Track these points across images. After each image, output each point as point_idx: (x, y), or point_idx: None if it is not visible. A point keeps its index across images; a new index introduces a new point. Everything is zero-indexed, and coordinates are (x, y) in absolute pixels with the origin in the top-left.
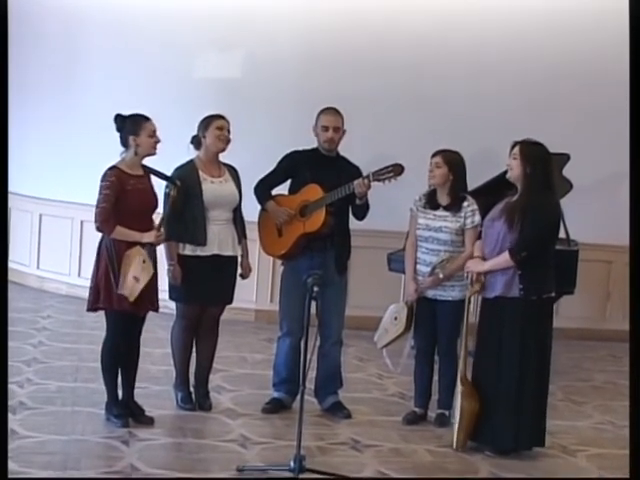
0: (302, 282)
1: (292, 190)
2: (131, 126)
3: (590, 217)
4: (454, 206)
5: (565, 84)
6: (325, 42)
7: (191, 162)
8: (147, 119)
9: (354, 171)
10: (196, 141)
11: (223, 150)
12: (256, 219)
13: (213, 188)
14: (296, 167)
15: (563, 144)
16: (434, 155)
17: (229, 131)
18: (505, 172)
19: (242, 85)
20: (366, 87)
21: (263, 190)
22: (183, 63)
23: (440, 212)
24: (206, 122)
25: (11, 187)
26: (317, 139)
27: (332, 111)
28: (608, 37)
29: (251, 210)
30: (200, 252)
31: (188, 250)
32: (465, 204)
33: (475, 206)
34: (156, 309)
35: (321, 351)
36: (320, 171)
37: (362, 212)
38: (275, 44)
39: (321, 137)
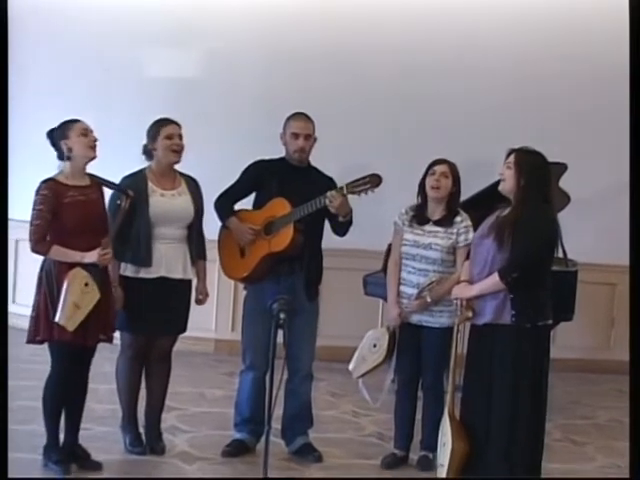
0: (267, 308)
1: (257, 205)
2: (60, 131)
3: (590, 233)
4: (447, 221)
5: (562, 84)
6: (292, 37)
7: (141, 172)
8: (76, 120)
9: (327, 183)
10: (146, 152)
11: (176, 162)
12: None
13: (162, 202)
14: (262, 179)
15: (560, 151)
16: (438, 163)
17: (181, 137)
18: (497, 183)
19: (197, 86)
20: (338, 88)
21: (224, 204)
22: (129, 60)
23: (430, 227)
24: (154, 131)
25: None
26: (285, 148)
27: (303, 117)
28: (609, 36)
29: (213, 227)
30: (144, 274)
31: (130, 271)
32: (458, 219)
33: (469, 222)
34: (109, 339)
35: (289, 386)
36: (288, 183)
37: (343, 229)
38: (235, 39)
39: (290, 146)
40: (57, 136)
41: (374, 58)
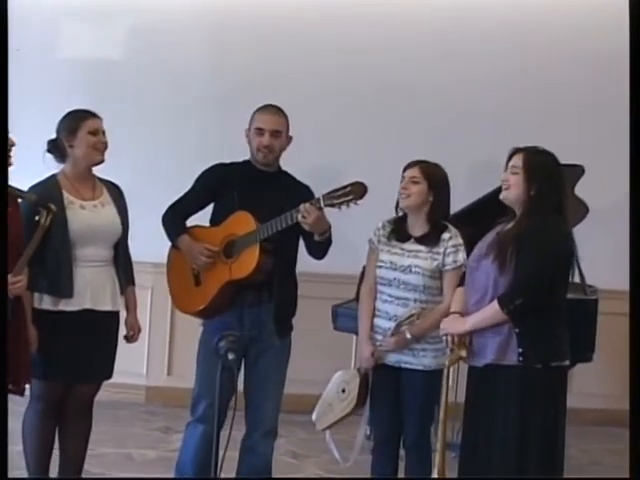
0: (212, 347)
1: (214, 220)
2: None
3: (609, 252)
4: (431, 238)
5: (570, 74)
6: (249, 9)
7: (52, 178)
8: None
9: (303, 193)
10: (57, 150)
11: (100, 162)
12: (147, 258)
13: (83, 216)
14: (220, 187)
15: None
16: (409, 167)
17: (104, 133)
18: (497, 191)
19: (124, 69)
20: (309, 75)
21: (173, 220)
22: (41, 37)
23: (411, 245)
24: (73, 124)
25: None
26: (250, 148)
27: (271, 109)
28: (614, 26)
29: (141, 245)
30: (64, 306)
31: (47, 303)
32: (446, 236)
33: (459, 240)
34: (19, 391)
35: (246, 444)
36: (253, 193)
37: (321, 250)
38: (173, 11)
39: (254, 144)
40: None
41: (353, 42)
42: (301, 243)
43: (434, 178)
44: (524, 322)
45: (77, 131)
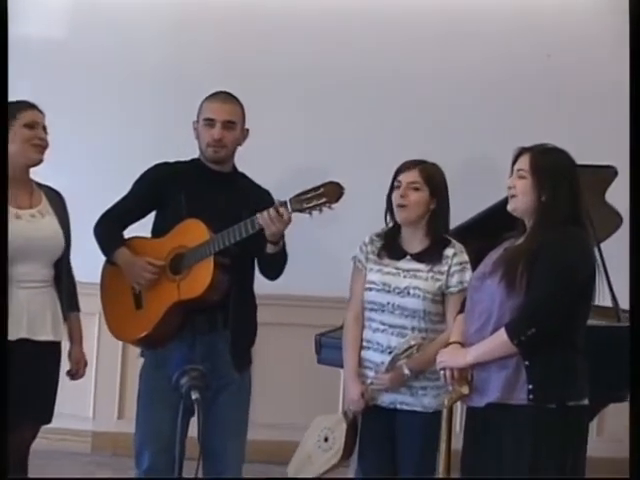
0: (172, 384)
1: (158, 229)
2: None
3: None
4: (432, 254)
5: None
6: None
7: None
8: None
9: (261, 197)
10: None
11: (39, 162)
12: (94, 279)
13: (19, 227)
14: (164, 190)
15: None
16: (405, 169)
17: (45, 129)
18: (504, 201)
19: (62, 50)
20: (275, 59)
21: (109, 230)
22: None
23: (407, 263)
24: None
25: None
26: (198, 143)
27: (222, 96)
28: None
29: (86, 264)
30: None
31: None
32: (449, 252)
33: (465, 256)
34: None
35: None
36: (205, 196)
37: (276, 266)
38: None
39: (204, 138)
40: None
41: (325, 24)
42: None
43: (436, 182)
44: (535, 353)
45: (11, 124)
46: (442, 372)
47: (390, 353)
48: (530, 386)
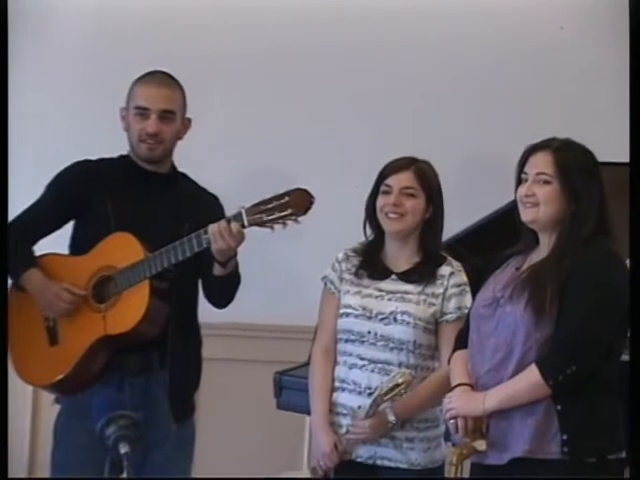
0: (96, 436)
1: (78, 245)
2: None
3: None
4: (423, 273)
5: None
6: None
7: None
8: None
9: (208, 205)
10: None
11: None
12: None
13: None
14: (85, 196)
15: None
16: (396, 170)
17: None
18: (510, 208)
19: None
20: (230, 39)
21: (16, 244)
22: None
23: (393, 284)
24: None
25: None
26: (128, 137)
27: (159, 79)
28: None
29: None
30: None
31: None
32: (445, 271)
33: (464, 277)
34: None
35: None
36: (137, 205)
37: (226, 291)
38: None
39: (135, 130)
40: None
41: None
42: None
43: (433, 187)
44: (569, 395)
45: None
46: (451, 422)
47: (370, 395)
48: (564, 436)
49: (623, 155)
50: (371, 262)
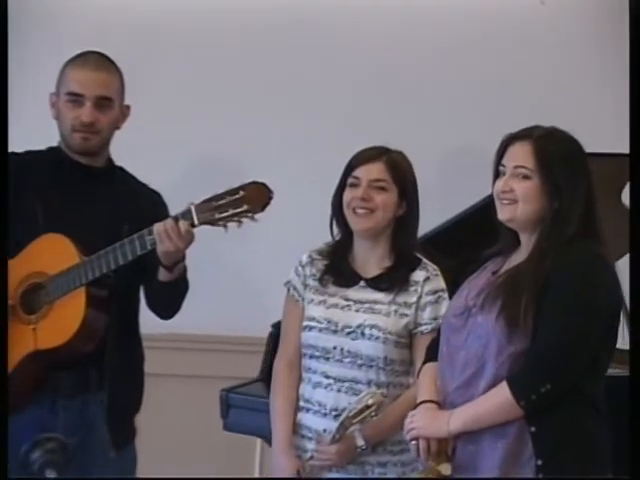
0: (19, 461)
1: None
2: None
3: None
4: (395, 279)
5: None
6: None
7: None
8: None
9: (150, 202)
10: None
11: None
12: None
13: None
14: (10, 192)
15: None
16: (366, 161)
17: None
18: (487, 203)
19: None
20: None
21: None
22: None
23: (361, 292)
24: None
25: None
26: (59, 126)
27: (94, 61)
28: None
29: None
30: None
31: None
32: (419, 276)
33: (441, 282)
34: None
35: None
36: (69, 202)
37: (173, 299)
38: None
39: (67, 119)
40: None
41: None
42: None
43: (406, 179)
44: (545, 415)
45: None
46: (413, 443)
47: (337, 417)
48: (539, 462)
49: (614, 145)
50: (338, 266)
